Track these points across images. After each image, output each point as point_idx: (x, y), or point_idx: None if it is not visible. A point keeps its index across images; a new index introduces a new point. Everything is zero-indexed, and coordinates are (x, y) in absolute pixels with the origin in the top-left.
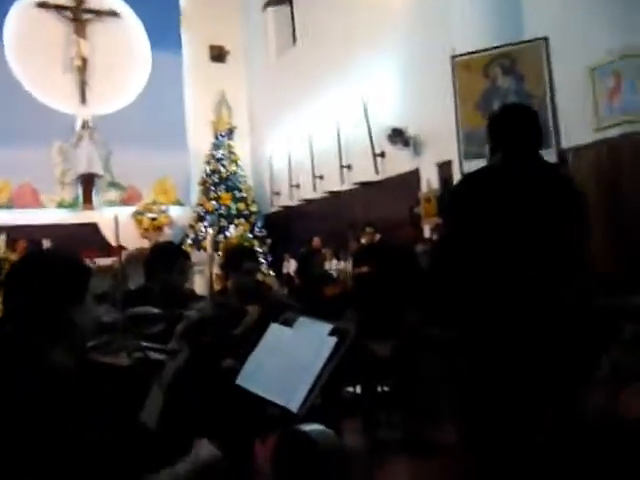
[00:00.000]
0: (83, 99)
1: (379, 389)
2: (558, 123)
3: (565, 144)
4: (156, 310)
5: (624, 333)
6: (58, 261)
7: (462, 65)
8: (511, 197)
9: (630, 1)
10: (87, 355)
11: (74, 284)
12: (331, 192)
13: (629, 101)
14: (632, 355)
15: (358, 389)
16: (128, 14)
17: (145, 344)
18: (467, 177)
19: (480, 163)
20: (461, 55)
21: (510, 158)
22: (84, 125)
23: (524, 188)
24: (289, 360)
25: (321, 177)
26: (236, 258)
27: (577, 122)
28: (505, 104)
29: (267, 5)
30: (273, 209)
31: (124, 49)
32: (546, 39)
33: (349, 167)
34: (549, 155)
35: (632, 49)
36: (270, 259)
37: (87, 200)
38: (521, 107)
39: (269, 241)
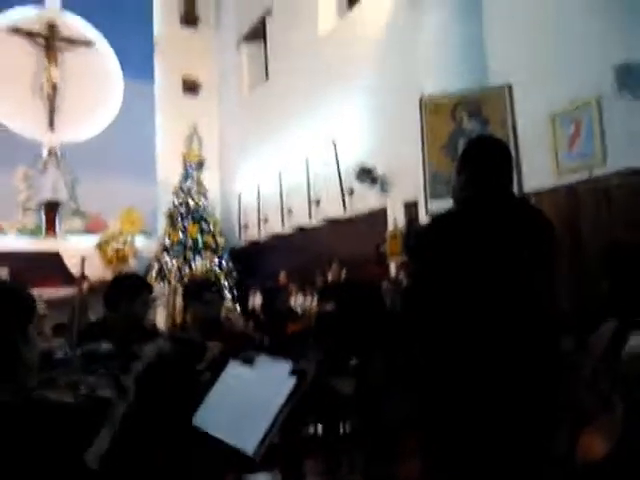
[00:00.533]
0: (51, 125)
1: (342, 429)
2: (520, 167)
3: (527, 188)
4: (110, 346)
5: (584, 370)
6: (5, 297)
7: (430, 107)
8: (479, 240)
9: (592, 47)
10: (32, 392)
11: (17, 317)
12: (299, 227)
13: (587, 147)
14: (591, 392)
15: (320, 428)
16: (101, 43)
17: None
18: (435, 219)
19: (445, 203)
20: (429, 98)
21: (481, 196)
22: (50, 152)
23: (493, 230)
24: (247, 400)
25: (290, 211)
26: (196, 288)
27: (538, 166)
28: (479, 136)
29: (241, 41)
30: (241, 243)
31: (96, 77)
32: (510, 86)
33: (318, 203)
34: None
35: (593, 96)
36: (236, 293)
37: (50, 228)
38: (494, 140)
39: (235, 275)
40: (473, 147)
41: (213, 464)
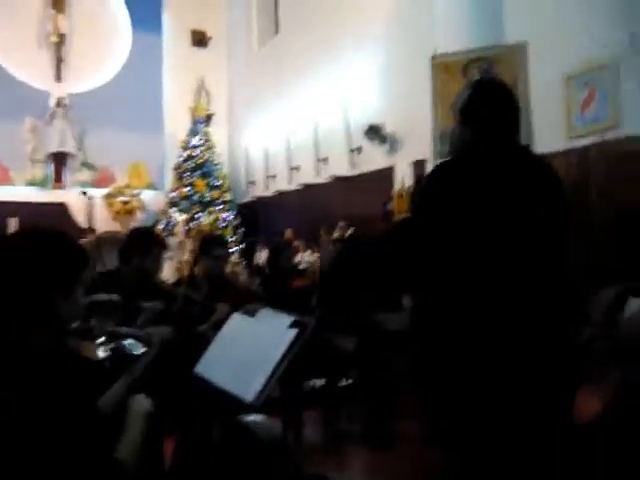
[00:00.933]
0: (58, 76)
1: (342, 382)
2: (532, 128)
3: (538, 149)
4: (118, 298)
5: (582, 335)
6: (53, 246)
7: (441, 66)
8: (485, 190)
9: (611, 12)
10: (65, 342)
11: (67, 276)
12: (306, 185)
13: (601, 111)
14: (588, 356)
15: (321, 382)
16: None
17: (124, 330)
18: (438, 168)
19: None
20: (440, 56)
21: (484, 144)
22: (58, 102)
23: (498, 180)
24: (248, 350)
25: (297, 169)
26: (207, 244)
27: (551, 128)
28: (482, 80)
29: None
30: (247, 199)
31: (103, 27)
32: (524, 44)
33: (325, 160)
34: None
35: (609, 60)
36: (242, 248)
37: (58, 179)
38: (499, 86)
39: (241, 230)
40: (477, 94)
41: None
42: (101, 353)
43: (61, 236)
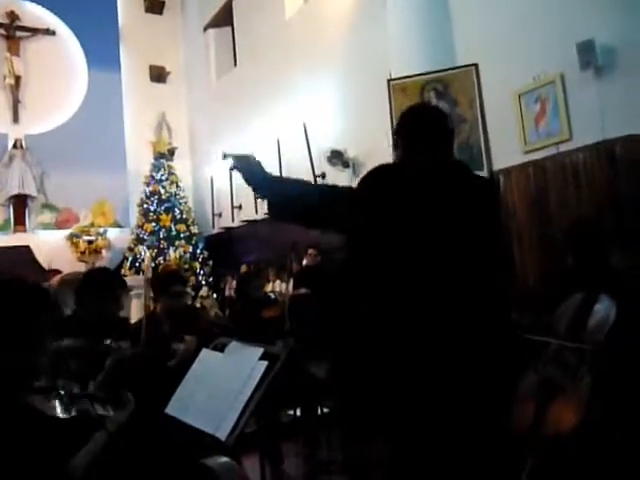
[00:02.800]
0: (16, 118)
1: (319, 411)
2: (489, 146)
3: (496, 166)
4: (79, 343)
5: (548, 349)
6: (14, 295)
7: (398, 89)
8: (413, 191)
9: (554, 28)
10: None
11: (26, 327)
12: None
13: (553, 124)
14: (558, 366)
15: (298, 412)
16: (64, 32)
17: (88, 393)
18: (370, 172)
19: None
20: (397, 79)
21: (413, 159)
22: (16, 144)
23: (427, 191)
24: (219, 386)
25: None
26: (163, 282)
27: (507, 145)
28: (410, 107)
29: (208, 26)
30: (215, 230)
31: (60, 67)
32: (476, 65)
33: None
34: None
35: (556, 75)
36: (211, 281)
37: (19, 222)
38: (425, 108)
39: (211, 262)
40: (405, 119)
41: (185, 450)
42: (65, 414)
43: (23, 286)
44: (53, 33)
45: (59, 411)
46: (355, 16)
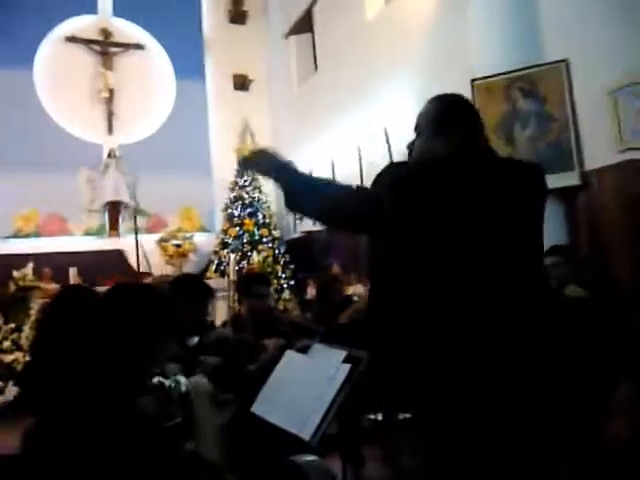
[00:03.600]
0: (110, 129)
1: (401, 416)
2: (581, 145)
3: (588, 166)
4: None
5: None
6: (156, 313)
7: (482, 89)
8: (459, 187)
9: None
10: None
11: (158, 344)
12: None
13: None
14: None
15: (380, 416)
16: (153, 45)
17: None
18: (410, 164)
19: None
20: (481, 78)
21: (461, 149)
22: (110, 154)
23: (476, 182)
24: (303, 387)
25: None
26: (246, 283)
27: (600, 144)
28: (434, 97)
29: (289, 34)
30: (296, 234)
31: (149, 79)
32: (566, 61)
33: None
34: (572, 177)
35: None
36: (293, 284)
37: (113, 227)
38: (451, 96)
39: (292, 266)
40: (430, 107)
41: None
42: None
43: (157, 295)
44: (142, 47)
45: (167, 411)
46: (436, 15)
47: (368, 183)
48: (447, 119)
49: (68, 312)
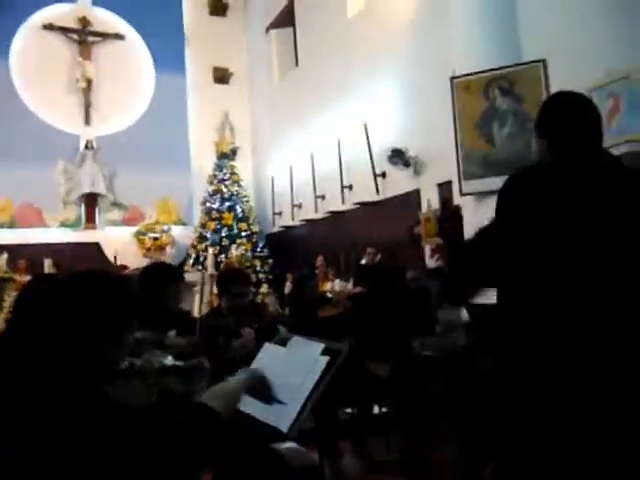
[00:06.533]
0: (87, 120)
1: (376, 410)
2: None
3: None
4: (145, 335)
5: None
6: (112, 291)
7: (462, 86)
8: (567, 198)
9: (624, 21)
10: (102, 385)
11: (119, 322)
12: (332, 212)
13: (627, 121)
14: None
15: (355, 410)
16: (133, 36)
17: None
18: (515, 175)
19: (479, 183)
20: (460, 76)
21: (567, 160)
22: (88, 145)
23: (583, 188)
24: (281, 379)
25: (323, 197)
26: (226, 281)
27: None
28: (558, 93)
29: (270, 27)
30: (275, 229)
31: (128, 71)
32: (544, 61)
33: (350, 187)
34: None
35: (630, 70)
36: (271, 279)
37: (90, 220)
38: (575, 96)
39: (270, 261)
40: (552, 106)
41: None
42: (147, 397)
43: (121, 282)
44: (122, 37)
45: (141, 394)
46: (418, 13)
47: (346, 176)
48: (548, 120)
49: (31, 301)
